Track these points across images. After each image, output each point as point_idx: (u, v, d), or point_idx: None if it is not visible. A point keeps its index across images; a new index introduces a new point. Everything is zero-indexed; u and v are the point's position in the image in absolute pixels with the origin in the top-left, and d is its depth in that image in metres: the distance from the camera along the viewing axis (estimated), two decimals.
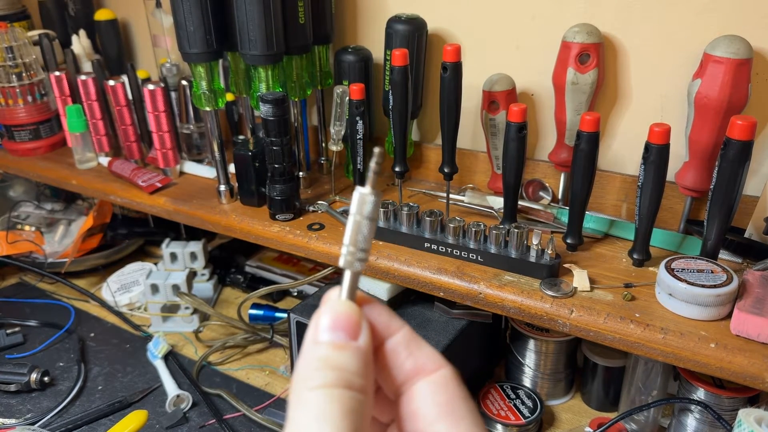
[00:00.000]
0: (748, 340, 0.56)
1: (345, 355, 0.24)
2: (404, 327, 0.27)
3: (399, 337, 0.26)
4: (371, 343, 0.25)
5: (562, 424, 0.81)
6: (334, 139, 0.85)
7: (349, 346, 0.24)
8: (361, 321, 0.25)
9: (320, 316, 0.25)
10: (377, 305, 0.27)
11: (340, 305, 0.26)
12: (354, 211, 0.26)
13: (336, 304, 0.26)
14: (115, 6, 1.16)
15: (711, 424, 0.68)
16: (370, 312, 0.26)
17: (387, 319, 0.27)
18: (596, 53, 0.72)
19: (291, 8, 0.78)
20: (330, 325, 0.25)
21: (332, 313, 0.25)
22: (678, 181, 0.72)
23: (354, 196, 0.26)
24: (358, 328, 0.25)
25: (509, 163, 0.71)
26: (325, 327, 0.25)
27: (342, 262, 0.26)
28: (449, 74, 0.71)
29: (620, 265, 0.70)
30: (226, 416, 0.81)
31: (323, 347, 0.24)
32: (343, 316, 0.25)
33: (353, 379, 0.23)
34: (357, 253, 0.26)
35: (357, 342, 0.25)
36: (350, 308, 0.25)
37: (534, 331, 0.80)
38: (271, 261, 1.11)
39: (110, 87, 0.97)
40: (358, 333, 0.25)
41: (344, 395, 0.23)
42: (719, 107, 0.65)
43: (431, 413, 0.25)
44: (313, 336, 0.25)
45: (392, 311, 0.27)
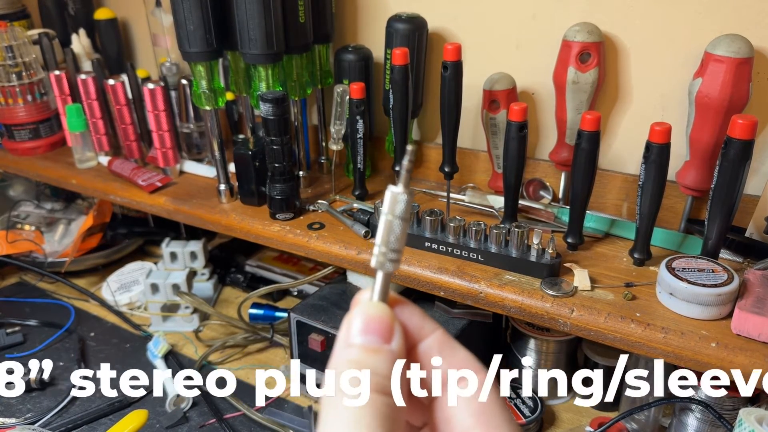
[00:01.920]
0: (749, 340, 0.56)
1: (378, 359, 0.23)
2: (438, 329, 0.26)
3: (432, 340, 0.26)
4: (404, 346, 0.25)
5: (562, 423, 0.80)
6: (335, 139, 0.85)
7: (382, 350, 0.24)
8: (393, 323, 0.25)
9: (352, 318, 0.25)
10: (410, 306, 0.26)
11: (371, 307, 0.25)
12: (386, 211, 0.25)
13: (368, 306, 0.25)
14: (115, 5, 1.16)
15: (712, 423, 0.68)
16: (402, 314, 0.26)
17: (420, 321, 0.26)
18: (597, 52, 0.72)
19: (291, 7, 0.78)
20: (362, 328, 0.24)
21: (364, 316, 0.24)
22: (679, 181, 0.72)
23: (386, 195, 0.25)
24: (390, 330, 0.24)
25: (510, 163, 0.71)
26: (358, 330, 0.24)
27: (374, 263, 0.25)
28: (450, 73, 0.71)
29: (621, 264, 0.70)
30: (226, 416, 0.81)
31: (355, 350, 0.24)
32: (376, 319, 0.24)
33: (387, 383, 0.23)
34: (389, 254, 0.25)
35: (390, 345, 0.24)
36: (382, 310, 0.25)
37: (534, 330, 0.80)
38: (271, 260, 1.11)
39: (110, 86, 0.97)
40: (391, 336, 0.24)
41: (378, 400, 0.22)
42: (720, 106, 0.65)
43: (467, 421, 0.24)
44: (345, 338, 0.24)
45: (425, 313, 0.26)
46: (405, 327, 0.25)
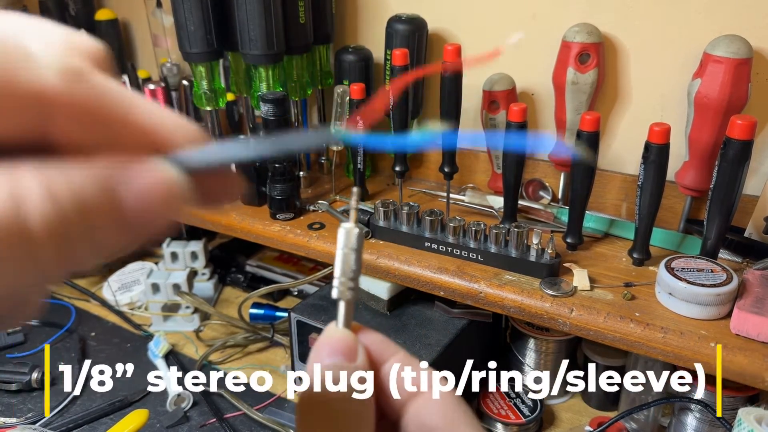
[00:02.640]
0: (748, 340, 0.57)
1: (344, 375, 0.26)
2: (400, 351, 0.29)
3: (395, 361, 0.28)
4: (368, 363, 0.27)
5: (562, 423, 0.81)
6: None
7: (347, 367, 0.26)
8: (356, 345, 0.27)
9: (319, 345, 0.27)
10: (372, 332, 0.29)
11: (336, 333, 0.28)
12: (341, 245, 0.28)
13: (333, 332, 0.28)
14: (116, 6, 1.16)
15: (711, 423, 0.68)
16: (365, 338, 0.28)
17: (382, 344, 0.28)
18: (596, 53, 0.72)
19: (291, 8, 0.78)
20: (329, 351, 0.27)
21: (330, 340, 0.27)
22: (678, 181, 0.72)
23: (339, 232, 0.28)
24: (354, 351, 0.27)
25: (509, 163, 0.71)
26: (325, 354, 0.27)
27: (335, 294, 0.28)
28: (449, 74, 0.71)
29: (620, 264, 0.70)
30: (227, 415, 0.82)
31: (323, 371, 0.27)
32: (340, 342, 0.27)
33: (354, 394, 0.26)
34: (348, 283, 0.28)
35: (355, 363, 0.27)
36: (346, 334, 0.28)
37: (534, 330, 0.80)
38: (272, 260, 1.11)
39: None
40: (355, 356, 0.27)
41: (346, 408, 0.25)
42: (719, 107, 0.65)
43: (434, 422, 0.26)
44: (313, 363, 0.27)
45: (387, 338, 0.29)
46: (368, 349, 0.28)
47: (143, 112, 0.18)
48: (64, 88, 0.16)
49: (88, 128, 0.17)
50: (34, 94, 0.16)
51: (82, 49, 0.18)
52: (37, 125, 0.16)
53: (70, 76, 0.16)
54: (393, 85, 0.22)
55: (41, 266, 0.16)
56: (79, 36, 0.18)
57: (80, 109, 0.17)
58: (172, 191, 0.18)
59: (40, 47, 0.16)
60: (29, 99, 0.16)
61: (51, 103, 0.16)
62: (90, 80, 0.17)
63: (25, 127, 0.16)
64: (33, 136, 0.16)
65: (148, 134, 0.18)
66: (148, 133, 0.18)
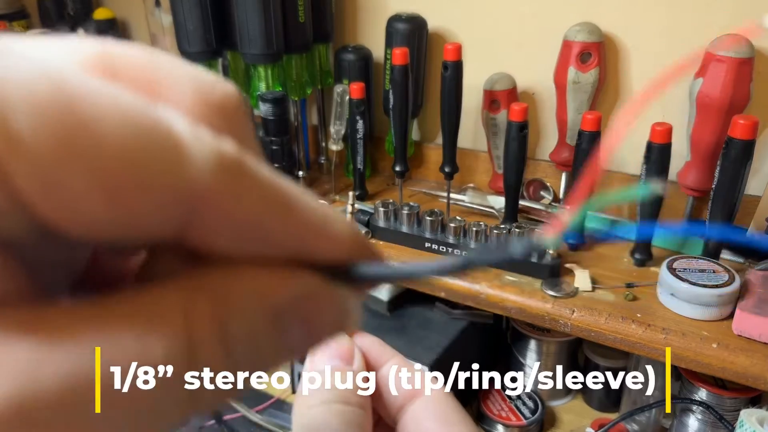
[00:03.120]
0: (750, 340, 0.56)
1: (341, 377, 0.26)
2: (396, 355, 0.29)
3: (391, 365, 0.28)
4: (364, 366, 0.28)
5: (563, 425, 0.80)
6: (334, 139, 0.85)
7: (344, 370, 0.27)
8: (353, 349, 0.28)
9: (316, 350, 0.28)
10: (368, 336, 0.29)
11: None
12: None
13: None
14: (115, 5, 1.15)
15: (713, 424, 0.68)
16: (361, 342, 0.28)
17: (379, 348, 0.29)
18: (597, 52, 0.72)
19: (291, 7, 0.78)
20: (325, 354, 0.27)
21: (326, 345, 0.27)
22: (680, 181, 0.72)
23: None
24: (351, 355, 0.27)
25: (510, 163, 0.71)
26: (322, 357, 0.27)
27: None
28: (450, 73, 0.71)
29: (622, 265, 0.70)
30: (226, 417, 0.81)
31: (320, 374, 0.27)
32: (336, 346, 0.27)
33: (350, 395, 0.26)
34: None
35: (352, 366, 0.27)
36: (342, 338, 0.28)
37: (535, 331, 0.80)
38: None
39: None
40: (352, 359, 0.27)
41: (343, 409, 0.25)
42: (721, 106, 0.65)
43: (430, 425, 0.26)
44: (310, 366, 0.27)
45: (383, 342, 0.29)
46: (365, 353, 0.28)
47: (304, 211, 0.14)
48: (220, 188, 0.12)
49: (240, 235, 0.13)
50: (180, 196, 0.12)
51: (222, 110, 0.14)
52: (174, 230, 0.12)
53: (227, 173, 0.12)
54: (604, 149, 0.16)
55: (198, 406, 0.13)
56: (216, 86, 0.15)
57: (236, 214, 0.13)
58: (345, 318, 0.15)
59: (187, 129, 0.12)
60: (174, 201, 0.12)
61: (198, 206, 0.12)
62: (249, 175, 0.13)
63: (161, 230, 0.12)
64: (165, 238, 0.13)
65: (307, 240, 0.14)
66: (307, 239, 0.14)
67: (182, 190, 0.12)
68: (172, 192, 0.12)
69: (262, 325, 0.13)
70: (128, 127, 0.11)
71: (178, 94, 0.14)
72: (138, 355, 0.12)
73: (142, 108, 0.12)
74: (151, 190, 0.11)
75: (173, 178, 0.12)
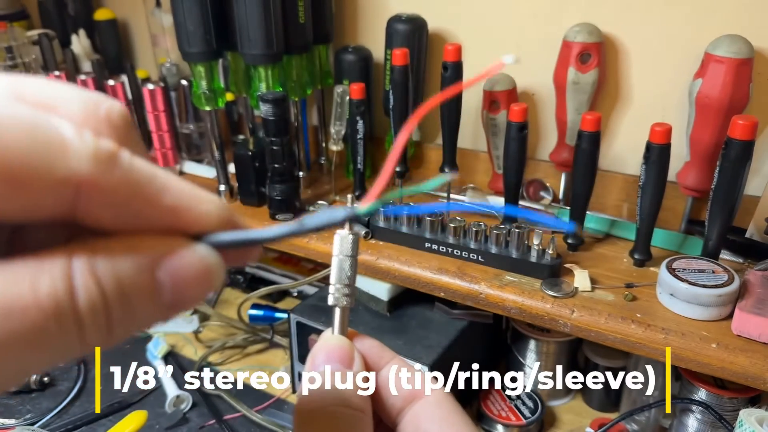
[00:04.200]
0: (750, 341, 0.56)
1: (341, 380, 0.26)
2: (395, 357, 0.29)
3: (390, 366, 0.28)
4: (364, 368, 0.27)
5: (563, 424, 0.80)
6: (335, 139, 0.85)
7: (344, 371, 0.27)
8: (353, 351, 0.28)
9: (315, 352, 0.28)
10: (368, 338, 0.29)
11: (332, 340, 0.28)
12: (336, 252, 0.28)
13: (328, 340, 0.28)
14: (115, 6, 1.16)
15: (712, 424, 0.68)
16: (361, 344, 0.28)
17: (378, 350, 0.29)
18: (597, 53, 0.72)
19: (291, 7, 0.78)
20: (325, 358, 0.27)
21: (326, 348, 0.27)
22: (679, 181, 0.72)
23: (334, 238, 0.28)
24: (351, 357, 0.27)
25: (510, 163, 0.71)
26: (321, 361, 0.27)
27: (331, 301, 0.28)
28: (450, 74, 0.71)
29: (621, 265, 0.70)
30: (226, 417, 0.81)
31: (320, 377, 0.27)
32: (336, 349, 0.27)
33: (350, 397, 0.26)
34: (343, 290, 0.28)
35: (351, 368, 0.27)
36: (342, 341, 0.28)
37: (535, 331, 0.80)
38: (271, 261, 1.11)
39: (110, 87, 0.97)
40: (352, 362, 0.27)
41: (344, 412, 0.25)
42: (720, 107, 0.65)
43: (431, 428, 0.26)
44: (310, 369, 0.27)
45: (382, 344, 0.29)
46: (365, 355, 0.28)
47: (174, 193, 0.19)
48: (97, 175, 0.17)
49: (118, 212, 0.18)
50: (66, 182, 0.16)
51: (107, 119, 0.19)
52: (67, 209, 0.17)
53: (103, 163, 0.17)
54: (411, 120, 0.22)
55: (85, 342, 0.17)
56: (101, 102, 0.19)
57: (112, 195, 0.17)
58: (208, 272, 0.19)
59: (71, 132, 0.17)
60: (62, 186, 0.16)
61: (83, 190, 0.17)
62: (121, 165, 0.17)
63: (56, 210, 0.17)
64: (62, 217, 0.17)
65: (179, 216, 0.19)
66: (179, 215, 0.19)
67: (67, 176, 0.16)
68: (60, 177, 0.16)
69: (133, 273, 0.17)
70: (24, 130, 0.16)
71: (70, 109, 0.18)
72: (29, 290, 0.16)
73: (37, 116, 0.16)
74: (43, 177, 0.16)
75: (60, 166, 0.16)
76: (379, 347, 0.29)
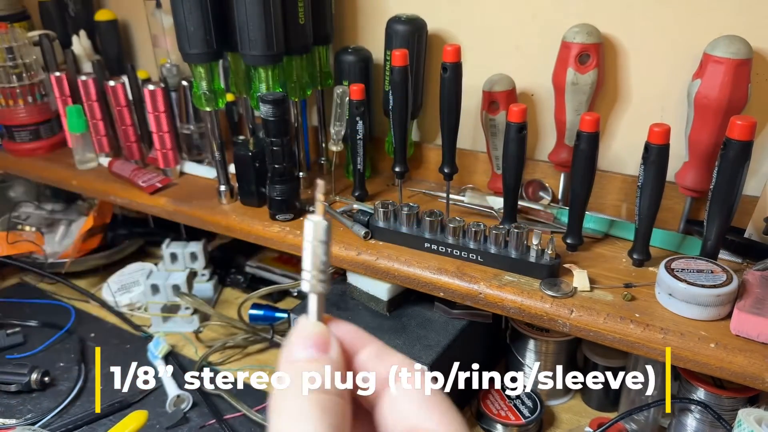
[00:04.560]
0: (748, 340, 0.57)
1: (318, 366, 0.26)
2: (374, 340, 0.29)
3: (369, 350, 0.28)
4: (341, 354, 0.27)
5: (562, 424, 0.81)
6: (334, 140, 0.85)
7: (321, 358, 0.27)
8: (329, 336, 0.27)
9: (292, 338, 0.28)
10: (344, 323, 0.29)
11: (308, 326, 0.28)
12: (309, 238, 0.28)
13: (305, 326, 0.28)
14: (115, 6, 1.16)
15: (711, 424, 0.68)
16: (337, 329, 0.28)
17: (355, 334, 0.29)
18: (596, 53, 0.72)
19: (291, 9, 0.78)
20: (301, 344, 0.27)
21: (302, 334, 0.28)
22: (678, 181, 0.72)
23: (306, 225, 0.28)
24: (327, 343, 0.27)
25: (509, 164, 0.71)
26: (298, 347, 0.27)
27: (306, 287, 0.28)
28: (449, 74, 0.71)
29: (620, 265, 0.70)
30: (226, 416, 0.81)
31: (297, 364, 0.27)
32: (312, 335, 0.27)
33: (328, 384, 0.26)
34: (318, 276, 0.28)
35: (328, 354, 0.27)
36: (318, 327, 0.28)
37: (534, 331, 0.80)
38: (271, 261, 1.11)
39: (110, 87, 0.97)
40: (329, 347, 0.27)
41: (321, 397, 0.25)
42: (719, 107, 0.65)
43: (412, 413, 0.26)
44: (287, 356, 0.27)
45: (360, 328, 0.29)
46: (342, 340, 0.28)
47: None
48: None
49: None
50: None
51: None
52: None
53: None
54: None
55: None
56: None
57: None
58: None
59: None
60: None
61: None
62: None
63: None
64: None
65: None
66: None
67: None
68: None
69: None
70: None
71: None
72: None
73: None
74: None
75: None
76: (355, 331, 0.29)
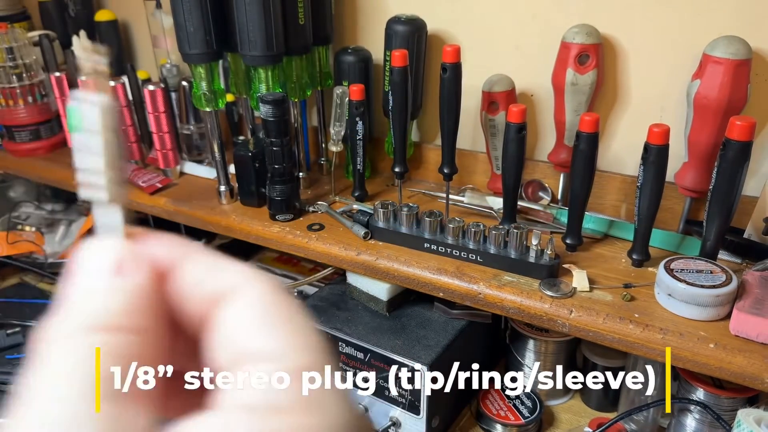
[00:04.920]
0: (748, 341, 0.57)
1: (102, 297, 0.20)
2: (198, 252, 0.22)
3: (194, 264, 0.22)
4: (143, 276, 0.21)
5: (561, 424, 0.81)
6: (334, 140, 0.85)
7: (118, 285, 0.20)
8: (131, 255, 0.21)
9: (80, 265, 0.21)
10: (159, 236, 0.23)
11: (95, 246, 0.21)
12: (95, 128, 0.21)
13: (93, 247, 0.21)
14: (116, 7, 1.16)
15: (710, 424, 0.68)
16: (148, 246, 0.22)
17: (171, 248, 0.22)
18: (595, 54, 0.72)
19: (291, 9, 0.78)
20: (93, 270, 0.21)
21: (93, 257, 0.21)
22: (677, 182, 0.72)
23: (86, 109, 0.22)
24: (129, 263, 0.21)
25: (509, 164, 0.71)
26: (89, 270, 0.21)
27: (102, 196, 0.21)
28: (449, 75, 0.71)
29: (619, 265, 0.70)
30: None
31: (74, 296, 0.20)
32: (109, 254, 0.21)
33: (122, 318, 0.20)
34: (116, 178, 0.21)
35: (130, 277, 0.21)
36: (103, 245, 0.21)
37: (533, 331, 0.80)
38: (271, 261, 1.11)
39: (110, 88, 0.97)
40: (131, 269, 0.21)
41: (107, 339, 0.19)
42: (718, 108, 0.65)
43: (242, 333, 0.20)
44: (73, 284, 0.21)
45: (181, 240, 0.23)
46: (155, 258, 0.22)
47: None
48: None
49: None
50: None
51: None
52: None
53: None
54: None
55: None
56: None
57: None
58: None
59: None
60: None
61: None
62: None
63: None
64: None
65: None
66: None
67: None
68: None
69: None
70: None
71: None
72: None
73: None
74: None
75: None
76: (173, 244, 0.22)
